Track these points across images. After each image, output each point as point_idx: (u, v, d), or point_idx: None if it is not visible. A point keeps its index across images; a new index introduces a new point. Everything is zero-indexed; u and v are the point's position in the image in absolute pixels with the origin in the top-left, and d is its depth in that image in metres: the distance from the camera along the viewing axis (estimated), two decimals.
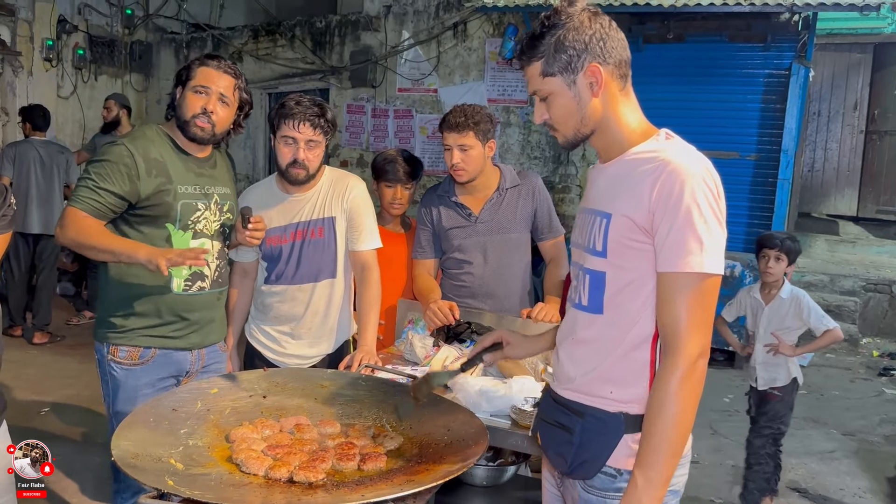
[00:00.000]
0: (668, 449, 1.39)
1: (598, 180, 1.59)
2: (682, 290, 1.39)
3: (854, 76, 8.93)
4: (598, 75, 1.49)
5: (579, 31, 1.48)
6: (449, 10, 7.79)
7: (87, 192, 2.20)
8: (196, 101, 2.29)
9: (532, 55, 1.52)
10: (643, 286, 1.46)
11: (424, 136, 7.98)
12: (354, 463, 1.67)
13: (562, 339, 1.64)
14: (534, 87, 1.55)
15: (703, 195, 1.39)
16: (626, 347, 1.49)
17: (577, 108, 1.52)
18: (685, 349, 1.38)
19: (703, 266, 1.38)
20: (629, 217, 1.44)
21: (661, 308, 1.43)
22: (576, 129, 1.55)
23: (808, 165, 9.21)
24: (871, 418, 5.07)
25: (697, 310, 1.39)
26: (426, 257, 3.00)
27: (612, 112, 1.53)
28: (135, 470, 1.51)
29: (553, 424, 1.59)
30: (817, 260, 7.98)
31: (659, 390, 1.40)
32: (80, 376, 5.20)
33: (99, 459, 3.83)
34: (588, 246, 1.54)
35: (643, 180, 1.43)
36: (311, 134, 2.49)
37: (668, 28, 6.69)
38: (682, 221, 1.38)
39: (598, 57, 1.49)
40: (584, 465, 1.51)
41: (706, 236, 1.38)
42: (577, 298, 1.58)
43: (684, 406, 1.39)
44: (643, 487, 1.38)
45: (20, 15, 7.84)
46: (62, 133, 8.15)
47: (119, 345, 2.31)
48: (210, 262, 2.38)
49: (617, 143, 1.55)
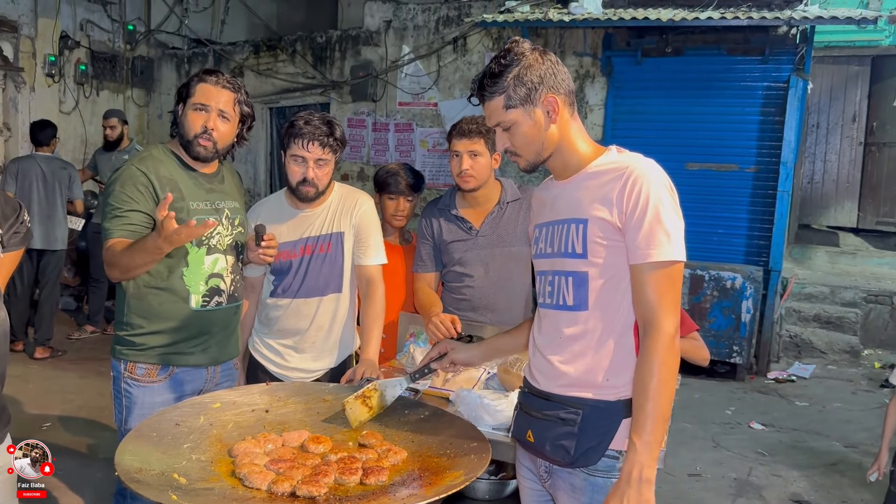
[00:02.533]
0: (659, 415, 1.56)
1: (560, 195, 1.76)
2: (654, 276, 1.59)
3: (852, 88, 8.97)
4: (555, 104, 1.69)
5: (534, 68, 1.68)
6: (449, 25, 7.84)
7: (115, 222, 2.22)
8: (196, 120, 2.30)
9: (494, 91, 1.70)
10: (621, 280, 1.65)
11: (425, 150, 8.01)
12: (357, 477, 1.67)
13: (545, 341, 1.76)
14: (496, 119, 1.73)
15: (665, 193, 1.61)
16: (615, 336, 1.67)
17: (537, 135, 1.71)
18: (662, 327, 1.58)
19: (672, 254, 1.58)
20: (604, 219, 1.64)
21: (638, 295, 1.62)
22: (537, 153, 1.74)
23: (808, 177, 9.23)
24: (873, 430, 5.05)
25: (669, 293, 1.60)
26: (427, 271, 3.01)
27: (567, 135, 1.73)
28: (138, 484, 1.52)
29: (550, 419, 1.70)
30: (818, 272, 7.99)
31: (645, 365, 1.58)
32: (82, 391, 5.20)
33: (101, 474, 3.83)
34: (565, 251, 1.70)
35: (611, 187, 1.64)
36: (320, 153, 2.51)
37: (667, 42, 6.74)
38: (650, 218, 1.58)
39: (553, 88, 1.69)
40: (588, 453, 1.65)
41: (672, 228, 1.59)
42: (558, 300, 1.73)
43: (668, 376, 1.57)
44: (642, 450, 1.55)
45: (23, 31, 7.90)
46: (64, 148, 8.17)
47: (137, 362, 2.32)
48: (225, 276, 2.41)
49: (574, 162, 1.74)
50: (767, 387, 6.09)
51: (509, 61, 1.68)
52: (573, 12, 6.48)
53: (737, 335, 6.14)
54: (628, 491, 1.54)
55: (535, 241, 1.84)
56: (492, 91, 1.70)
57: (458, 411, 2.18)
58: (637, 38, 6.98)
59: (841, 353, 6.79)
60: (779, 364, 6.63)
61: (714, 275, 6.14)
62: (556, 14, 6.55)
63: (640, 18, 6.29)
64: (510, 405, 2.16)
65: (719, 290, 6.13)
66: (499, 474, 2.44)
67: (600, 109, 7.22)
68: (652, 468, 1.55)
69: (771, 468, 4.36)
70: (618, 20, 6.36)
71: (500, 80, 1.69)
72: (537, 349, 1.79)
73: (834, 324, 7.00)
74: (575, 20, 6.45)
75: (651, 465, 1.55)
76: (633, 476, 1.54)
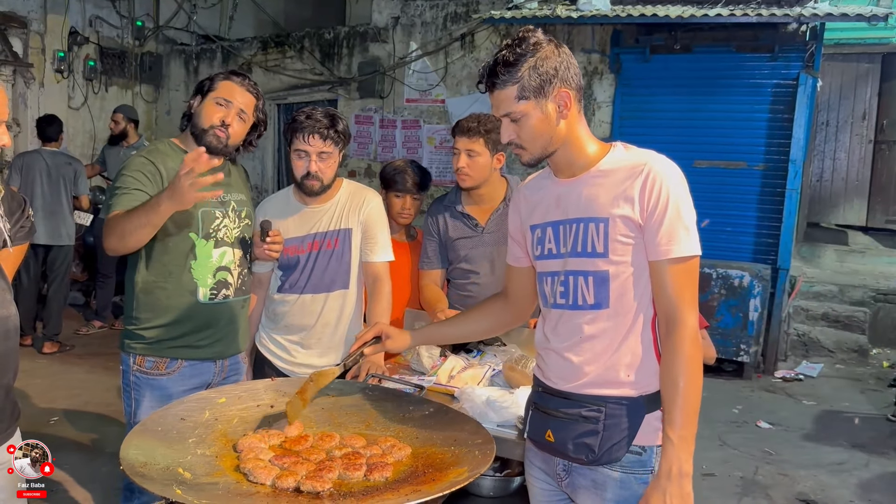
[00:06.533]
0: (691, 408, 1.58)
1: (569, 193, 1.72)
2: (676, 272, 1.60)
3: (862, 86, 8.90)
4: (568, 99, 1.66)
5: (550, 59, 1.64)
6: (457, 22, 7.83)
7: (119, 198, 2.22)
8: (215, 112, 2.33)
9: (507, 80, 1.65)
10: (640, 276, 1.65)
11: (432, 147, 8.00)
12: (361, 473, 1.67)
13: (562, 342, 1.73)
14: (506, 109, 1.68)
15: (682, 189, 1.62)
16: (634, 332, 1.66)
17: (547, 129, 1.67)
18: (686, 321, 1.59)
19: (690, 249, 1.60)
20: (627, 216, 1.62)
21: (659, 291, 1.62)
22: (543, 148, 1.70)
23: (817, 175, 9.18)
24: (881, 430, 5.04)
25: (689, 287, 1.62)
26: (433, 268, 3.00)
27: (574, 131, 1.70)
28: (143, 479, 1.52)
29: (572, 418, 1.69)
30: (826, 270, 7.94)
31: (672, 361, 1.59)
32: (89, 386, 5.23)
33: (108, 469, 3.84)
34: (584, 251, 1.68)
35: (630, 184, 1.62)
36: (321, 146, 2.52)
37: (676, 39, 6.70)
38: (671, 214, 1.59)
39: (566, 82, 1.65)
40: (611, 450, 1.64)
41: (690, 223, 1.61)
42: (576, 300, 1.70)
43: (695, 369, 1.59)
44: (679, 445, 1.57)
45: (32, 27, 7.93)
46: (73, 144, 8.21)
47: (146, 355, 2.34)
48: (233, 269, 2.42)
49: (580, 159, 1.71)
50: (775, 386, 6.07)
51: (525, 50, 1.63)
52: (581, 9, 6.45)
53: (744, 334, 6.11)
54: (669, 487, 1.55)
55: (538, 242, 1.79)
56: (504, 80, 1.65)
57: (462, 408, 2.18)
58: (645, 35, 6.95)
59: (849, 352, 6.75)
60: (786, 363, 6.60)
61: (722, 273, 6.11)
62: (565, 11, 6.53)
63: (648, 15, 6.26)
64: (515, 402, 2.15)
65: (727, 288, 6.11)
66: (503, 471, 2.43)
67: (608, 106, 7.20)
68: (689, 462, 1.57)
69: (777, 467, 4.35)
70: (626, 17, 6.33)
71: (514, 69, 1.63)
72: (552, 350, 1.76)
73: (842, 323, 6.96)
74: (583, 17, 6.42)
75: (688, 460, 1.57)
76: (672, 472, 1.55)
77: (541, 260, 1.79)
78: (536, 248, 1.80)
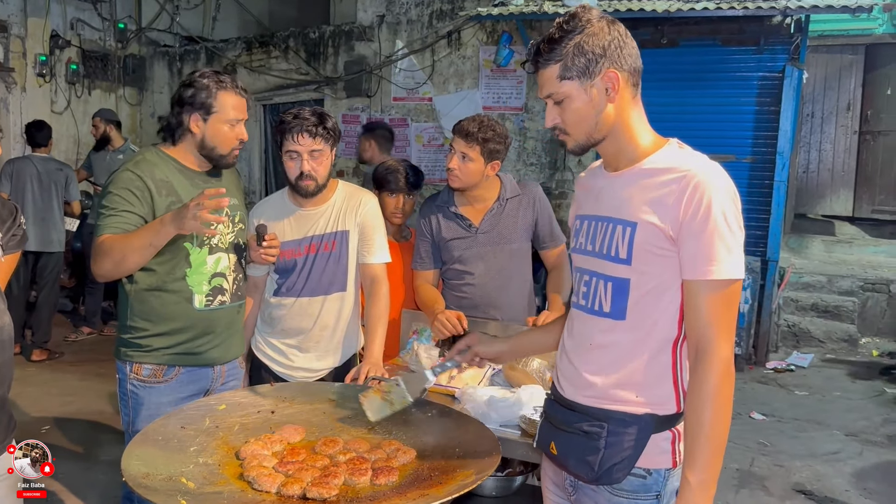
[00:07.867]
0: (714, 449, 1.43)
1: (610, 188, 1.60)
2: (712, 296, 1.44)
3: (846, 77, 8.97)
4: (616, 81, 1.52)
5: (598, 37, 1.51)
6: (442, 19, 7.80)
7: (108, 220, 2.18)
8: (230, 133, 2.31)
9: (550, 58, 1.53)
10: (665, 291, 1.50)
11: (420, 145, 7.97)
12: (367, 478, 1.66)
13: (574, 346, 1.64)
14: (549, 90, 1.55)
15: (729, 205, 1.45)
16: (650, 351, 1.52)
17: (591, 113, 1.54)
18: (718, 352, 1.44)
19: (731, 273, 1.43)
20: (656, 226, 1.47)
21: (691, 314, 1.47)
22: (588, 134, 1.56)
23: (803, 167, 9.24)
24: (873, 419, 5.08)
25: (726, 314, 1.45)
26: (426, 268, 2.99)
27: (625, 119, 1.56)
28: (146, 490, 1.50)
29: (574, 432, 1.58)
30: (814, 261, 8.00)
31: (699, 394, 1.45)
32: (81, 393, 5.18)
33: (103, 476, 3.81)
34: (608, 254, 1.55)
35: (668, 190, 1.47)
36: (312, 144, 2.50)
37: (662, 33, 6.71)
38: (711, 231, 1.42)
39: (616, 63, 1.52)
40: (612, 470, 1.52)
41: (734, 243, 1.43)
42: (593, 305, 1.59)
43: (724, 406, 1.44)
44: (697, 489, 1.43)
45: (13, 31, 7.83)
46: (56, 149, 8.08)
47: (143, 363, 2.31)
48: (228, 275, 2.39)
49: (628, 151, 1.57)
50: (766, 377, 6.11)
51: (572, 27, 1.51)
52: (568, 5, 6.45)
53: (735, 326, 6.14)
54: None
55: (576, 233, 1.68)
56: (547, 58, 1.53)
57: (464, 409, 2.17)
58: (632, 30, 6.89)
59: (839, 341, 6.80)
60: (777, 354, 6.65)
61: None
62: (552, 7, 6.53)
63: (634, 10, 6.27)
64: (517, 401, 2.15)
65: None
66: (505, 471, 2.43)
67: None
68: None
69: (773, 458, 4.37)
70: (613, 12, 6.33)
71: (558, 46, 1.51)
72: (565, 353, 1.67)
73: (831, 313, 7.01)
74: None
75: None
76: None
77: (574, 253, 1.70)
78: (573, 239, 1.70)
